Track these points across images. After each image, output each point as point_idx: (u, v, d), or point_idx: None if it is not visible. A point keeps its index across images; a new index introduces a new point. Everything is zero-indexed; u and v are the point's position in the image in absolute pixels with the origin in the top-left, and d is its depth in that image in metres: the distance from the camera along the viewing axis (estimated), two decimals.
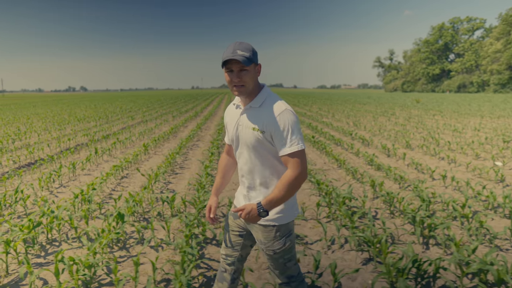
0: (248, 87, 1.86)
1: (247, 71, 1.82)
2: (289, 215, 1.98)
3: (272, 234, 1.96)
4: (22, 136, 11.46)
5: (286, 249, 2.00)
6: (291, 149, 1.80)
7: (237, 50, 1.79)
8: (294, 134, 1.81)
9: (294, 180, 1.80)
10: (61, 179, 6.41)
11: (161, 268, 3.15)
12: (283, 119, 1.81)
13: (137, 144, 10.33)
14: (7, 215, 4.74)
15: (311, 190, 5.78)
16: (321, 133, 11.84)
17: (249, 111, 1.93)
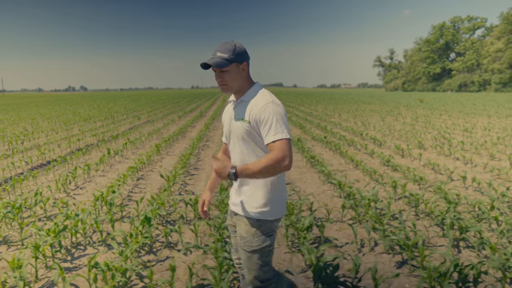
0: (231, 85, 1.97)
1: (227, 71, 1.93)
2: (274, 212, 2.00)
3: (254, 229, 1.98)
4: (30, 136, 11.37)
5: (264, 249, 1.99)
6: (275, 137, 1.83)
7: (217, 51, 1.92)
8: (278, 123, 1.86)
9: (275, 161, 1.78)
10: (76, 181, 6.33)
11: (196, 274, 3.07)
12: (268, 109, 1.88)
13: (147, 144, 10.26)
14: (27, 217, 4.67)
15: (332, 191, 5.71)
16: (331, 133, 11.76)
17: (240, 104, 2.02)
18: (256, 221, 1.98)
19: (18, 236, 4.14)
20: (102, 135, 11.71)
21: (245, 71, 1.99)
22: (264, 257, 2.02)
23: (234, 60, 1.92)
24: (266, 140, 1.87)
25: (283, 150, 1.80)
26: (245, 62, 1.98)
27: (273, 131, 1.85)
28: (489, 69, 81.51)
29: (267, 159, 1.79)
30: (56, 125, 15.16)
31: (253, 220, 1.98)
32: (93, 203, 4.70)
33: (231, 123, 2.07)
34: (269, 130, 1.86)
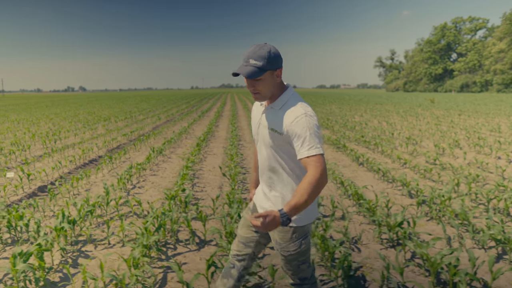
0: (263, 94, 1.86)
1: (261, 80, 1.81)
2: (307, 218, 1.96)
3: (288, 236, 1.95)
4: (58, 136, 11.31)
5: (301, 252, 1.99)
6: (309, 152, 1.75)
7: (250, 58, 1.78)
8: (312, 137, 1.76)
9: (315, 183, 1.70)
10: (132, 180, 6.29)
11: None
12: (302, 123, 1.78)
13: (182, 143, 10.21)
14: (98, 216, 4.63)
15: (393, 189, 5.68)
16: (362, 132, 11.75)
17: (270, 111, 1.93)
18: (289, 228, 1.94)
19: (99, 234, 4.10)
20: (131, 134, 11.66)
21: (279, 78, 1.87)
22: (302, 257, 2.02)
23: (268, 68, 1.79)
24: (300, 155, 1.79)
25: (319, 168, 1.73)
26: (279, 68, 1.86)
27: (306, 147, 1.76)
28: (491, 69, 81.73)
29: (307, 184, 1.71)
30: (78, 125, 15.10)
31: (287, 227, 1.94)
32: (168, 202, 4.66)
33: (259, 128, 2.01)
34: (302, 145, 1.77)
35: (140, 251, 3.20)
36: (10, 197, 5.50)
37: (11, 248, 3.84)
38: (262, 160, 2.03)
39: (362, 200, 4.74)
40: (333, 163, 7.10)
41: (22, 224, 3.96)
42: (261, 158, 2.03)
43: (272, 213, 1.66)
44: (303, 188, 1.71)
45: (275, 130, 1.87)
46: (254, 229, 2.12)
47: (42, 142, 10.01)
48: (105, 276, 2.90)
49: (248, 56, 1.79)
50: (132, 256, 2.97)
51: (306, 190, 1.70)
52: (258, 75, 1.77)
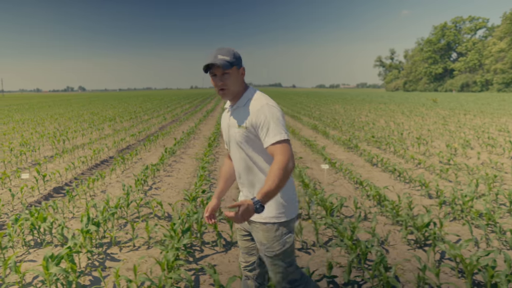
0: (231, 89, 1.93)
1: (229, 74, 1.90)
2: (289, 212, 1.98)
3: (272, 234, 1.96)
4: (66, 136, 11.26)
5: (286, 251, 1.98)
6: (274, 138, 1.82)
7: (218, 55, 1.88)
8: (275, 125, 1.84)
9: (282, 168, 1.75)
10: (147, 181, 6.25)
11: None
12: (264, 112, 1.87)
13: (191, 143, 10.17)
14: (118, 218, 4.58)
15: (410, 190, 5.64)
16: (370, 132, 11.71)
17: (236, 110, 2.00)
18: (273, 225, 1.95)
19: (122, 236, 4.06)
20: (139, 135, 11.62)
21: (243, 75, 1.99)
22: (287, 257, 2.00)
23: (235, 64, 1.91)
24: (265, 143, 1.85)
25: (285, 153, 1.79)
26: (242, 67, 1.99)
27: (271, 134, 1.83)
28: (491, 69, 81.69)
29: (277, 170, 1.74)
30: (84, 125, 15.05)
31: (270, 225, 1.95)
32: (190, 204, 4.62)
33: (229, 131, 2.04)
34: (267, 133, 1.84)
35: (174, 254, 3.16)
36: (26, 198, 5.45)
37: (35, 251, 3.80)
38: (237, 163, 2.05)
39: (385, 201, 4.70)
40: (349, 164, 7.05)
41: (46, 226, 3.91)
42: (236, 161, 2.05)
43: (245, 202, 1.67)
44: (273, 174, 1.74)
45: (242, 126, 1.93)
46: (249, 237, 2.14)
47: (51, 143, 9.97)
48: (139, 279, 2.87)
49: (216, 53, 1.89)
50: (166, 259, 2.93)
51: (276, 175, 1.73)
52: (228, 67, 1.86)
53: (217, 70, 1.90)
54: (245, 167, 2.01)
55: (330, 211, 4.41)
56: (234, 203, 1.67)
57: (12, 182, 6.40)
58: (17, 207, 5.12)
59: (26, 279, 3.19)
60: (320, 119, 16.15)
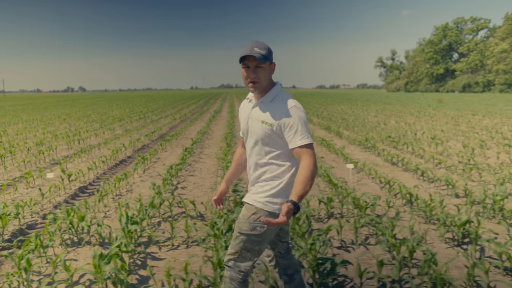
0: (262, 83, 1.96)
1: (262, 68, 1.93)
2: (272, 206, 2.00)
3: (248, 214, 2.02)
4: (78, 136, 11.26)
5: (250, 236, 2.00)
6: (301, 141, 1.90)
7: (254, 47, 1.91)
8: (303, 128, 1.91)
9: (312, 169, 1.86)
10: (172, 180, 6.24)
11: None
12: (293, 114, 1.92)
13: (205, 144, 10.17)
14: (152, 217, 4.58)
15: (436, 189, 5.63)
16: (380, 131, 11.71)
17: (260, 105, 2.04)
18: (254, 208, 2.01)
19: (160, 236, 4.06)
20: (152, 135, 11.61)
21: (273, 71, 2.03)
22: (248, 243, 2.03)
23: (269, 58, 1.95)
24: (293, 144, 1.92)
25: (311, 156, 1.89)
26: (274, 62, 2.03)
27: (299, 136, 1.90)
28: (493, 70, 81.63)
29: (308, 172, 1.85)
30: (94, 125, 15.05)
31: (251, 207, 2.03)
32: (225, 203, 4.61)
33: (248, 122, 2.08)
34: (295, 135, 1.91)
35: (224, 253, 3.16)
36: (54, 198, 5.45)
37: (74, 249, 3.80)
38: (250, 154, 2.10)
39: (417, 200, 4.70)
40: (373, 164, 7.05)
41: (84, 225, 3.91)
42: (250, 152, 2.10)
43: (286, 206, 1.76)
44: (306, 176, 1.84)
45: (265, 122, 1.97)
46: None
47: (67, 143, 9.97)
48: (193, 278, 2.87)
49: (252, 46, 1.92)
50: (218, 257, 2.93)
51: (308, 178, 1.84)
52: (264, 60, 1.90)
53: (252, 63, 1.92)
54: (257, 160, 2.06)
55: (364, 209, 4.41)
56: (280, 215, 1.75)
57: (36, 182, 6.40)
58: (45, 206, 5.12)
59: (73, 278, 3.19)
60: (330, 120, 16.15)
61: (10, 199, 5.47)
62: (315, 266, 2.99)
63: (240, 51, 1.94)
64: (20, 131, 13.27)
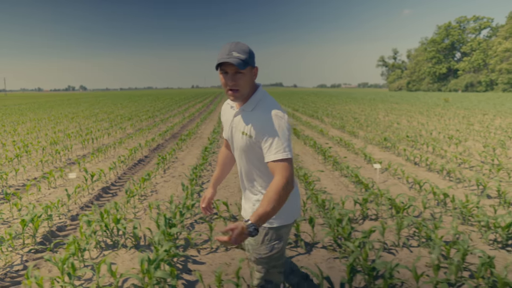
0: (243, 91, 1.78)
1: (242, 74, 1.74)
2: (282, 219, 1.89)
3: (260, 237, 1.89)
4: (90, 136, 11.17)
5: (272, 256, 1.91)
6: (275, 156, 1.69)
7: (232, 51, 1.70)
8: (280, 141, 1.70)
9: (281, 189, 1.64)
10: (198, 181, 6.15)
11: None
12: (271, 125, 1.73)
13: (221, 144, 10.07)
14: (192, 219, 4.49)
15: (463, 189, 5.53)
16: (394, 131, 11.60)
17: (241, 114, 1.87)
18: (263, 229, 1.89)
19: (197, 238, 3.96)
20: (165, 134, 11.52)
21: (255, 76, 1.83)
22: (273, 261, 1.94)
23: (250, 63, 1.75)
24: (267, 158, 1.73)
25: (285, 173, 1.67)
26: (256, 67, 1.83)
27: (273, 150, 1.70)
28: (496, 69, 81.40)
29: (273, 192, 1.64)
30: (104, 124, 14.96)
31: (261, 228, 1.86)
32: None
33: (231, 131, 1.95)
34: (270, 148, 1.72)
35: None
36: (79, 199, 5.36)
37: (110, 252, 3.71)
38: (239, 162, 1.98)
39: (453, 201, 4.60)
40: (397, 164, 6.95)
41: (120, 227, 3.82)
42: (238, 161, 1.98)
43: (239, 225, 1.57)
44: (269, 196, 1.63)
45: (246, 134, 1.82)
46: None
47: (81, 142, 9.88)
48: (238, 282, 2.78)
49: (230, 49, 1.71)
50: None
51: (272, 198, 1.63)
52: (243, 67, 1.70)
53: (230, 68, 1.73)
54: (246, 170, 1.94)
55: (402, 211, 4.31)
56: (227, 227, 1.57)
57: (57, 182, 6.32)
58: (71, 207, 5.03)
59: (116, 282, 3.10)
60: (341, 119, 16.05)
61: (34, 199, 5.38)
62: (371, 270, 2.90)
63: (218, 55, 1.74)
64: (30, 130, 13.19)
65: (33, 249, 3.79)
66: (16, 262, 3.55)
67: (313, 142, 8.89)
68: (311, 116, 18.12)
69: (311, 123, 13.97)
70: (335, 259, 3.50)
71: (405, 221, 3.83)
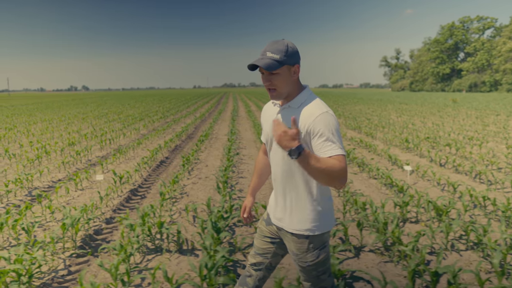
0: (280, 91, 1.75)
1: (278, 74, 1.72)
2: (323, 226, 1.85)
3: (305, 246, 1.85)
4: (105, 136, 11.13)
5: (319, 262, 1.88)
6: (331, 152, 1.63)
7: (267, 51, 1.71)
8: (334, 137, 1.67)
9: (340, 169, 1.57)
10: (229, 183, 6.07)
11: None
12: (324, 121, 1.69)
13: (241, 145, 10.01)
14: (231, 222, 4.42)
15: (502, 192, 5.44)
16: (411, 132, 11.52)
17: (288, 110, 1.82)
18: (305, 238, 1.84)
19: (239, 242, 3.89)
20: (181, 135, 11.47)
21: (296, 74, 1.78)
22: (321, 267, 1.90)
23: (286, 62, 1.71)
24: (322, 154, 1.65)
25: (343, 165, 1.59)
26: (297, 64, 1.77)
27: (328, 146, 1.65)
28: (500, 69, 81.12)
29: (335, 163, 1.58)
30: (116, 125, 14.92)
31: (302, 237, 1.85)
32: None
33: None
34: (324, 144, 1.66)
35: None
36: (111, 201, 5.30)
37: (154, 257, 3.64)
38: (276, 164, 1.89)
39: (494, 204, 4.52)
40: (428, 165, 6.87)
41: (165, 231, 3.76)
42: (275, 162, 1.89)
43: (291, 133, 1.55)
44: (330, 161, 1.58)
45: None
46: (270, 240, 2.03)
47: (99, 143, 9.84)
48: None
49: (265, 50, 1.71)
50: None
51: (330, 163, 1.57)
52: (275, 68, 1.68)
53: (264, 69, 1.72)
54: (284, 171, 1.84)
55: (445, 213, 4.24)
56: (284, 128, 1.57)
57: (83, 183, 6.26)
58: (103, 209, 4.97)
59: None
60: (355, 120, 15.97)
61: (63, 202, 5.33)
62: (434, 275, 2.83)
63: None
64: (43, 131, 13.16)
65: (74, 253, 3.73)
66: (60, 266, 3.49)
67: None
68: None
69: None
70: (385, 263, 3.43)
71: (454, 225, 3.75)
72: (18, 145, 10.32)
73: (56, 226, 4.38)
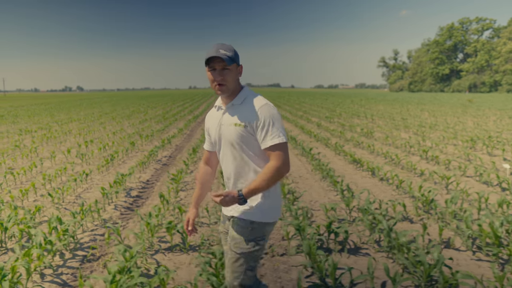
0: (229, 86, 1.90)
1: (229, 70, 1.87)
2: (268, 215, 1.95)
3: (247, 231, 1.94)
4: (149, 136, 11.02)
5: (252, 253, 1.94)
6: (272, 141, 1.83)
7: (220, 49, 1.85)
8: (275, 126, 1.84)
9: (276, 171, 1.80)
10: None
11: None
12: (264, 113, 1.86)
13: None
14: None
15: None
16: (460, 131, 11.51)
17: (231, 109, 1.96)
18: (249, 223, 1.93)
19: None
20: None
21: (240, 74, 1.97)
22: (251, 261, 1.96)
23: (236, 61, 1.90)
24: (263, 144, 1.86)
25: (282, 156, 1.82)
26: (241, 65, 1.98)
27: (270, 136, 1.84)
28: (500, 70, 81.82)
29: (269, 170, 1.81)
30: (152, 125, 14.78)
31: (247, 222, 1.94)
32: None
33: (220, 129, 1.99)
34: (266, 134, 1.85)
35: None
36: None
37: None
38: (227, 164, 1.99)
39: None
40: (461, 164, 6.82)
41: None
42: (227, 162, 1.99)
43: (232, 193, 1.79)
44: (265, 174, 1.81)
45: (238, 124, 1.90)
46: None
47: (160, 142, 9.76)
48: None
49: (217, 48, 1.85)
50: None
51: (267, 176, 1.80)
52: (230, 62, 1.85)
53: (218, 65, 1.86)
54: (237, 168, 1.96)
55: None
56: (220, 192, 1.78)
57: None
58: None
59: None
60: (393, 120, 15.94)
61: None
62: None
63: (206, 53, 1.87)
64: (83, 131, 13.00)
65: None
66: None
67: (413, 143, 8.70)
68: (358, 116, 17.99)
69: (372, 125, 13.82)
70: None
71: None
72: (76, 145, 10.18)
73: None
